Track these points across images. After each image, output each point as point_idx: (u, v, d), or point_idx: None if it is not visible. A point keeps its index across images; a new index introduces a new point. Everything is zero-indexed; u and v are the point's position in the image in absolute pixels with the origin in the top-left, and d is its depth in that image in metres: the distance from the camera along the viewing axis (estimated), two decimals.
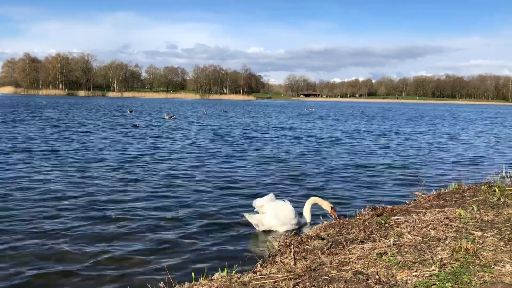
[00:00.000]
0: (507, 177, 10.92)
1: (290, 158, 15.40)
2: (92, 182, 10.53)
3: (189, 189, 10.04)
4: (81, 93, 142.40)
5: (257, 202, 7.30)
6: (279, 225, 7.14)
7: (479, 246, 4.88)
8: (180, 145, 18.33)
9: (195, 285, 4.42)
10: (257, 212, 7.34)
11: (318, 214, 8.03)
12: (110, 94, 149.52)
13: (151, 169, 12.53)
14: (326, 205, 7.69)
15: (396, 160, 15.41)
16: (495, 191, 8.13)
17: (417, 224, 5.97)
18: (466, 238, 5.11)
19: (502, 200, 7.33)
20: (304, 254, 5.07)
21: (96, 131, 23.55)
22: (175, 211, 8.24)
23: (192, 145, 18.66)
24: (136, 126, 27.18)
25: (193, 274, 5.01)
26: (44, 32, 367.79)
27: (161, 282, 4.82)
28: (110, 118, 36.00)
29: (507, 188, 8.50)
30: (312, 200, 7.75)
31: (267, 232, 7.17)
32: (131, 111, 44.78)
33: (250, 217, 7.22)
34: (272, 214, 7.09)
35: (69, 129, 24.40)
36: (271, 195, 7.46)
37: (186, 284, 4.49)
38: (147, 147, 17.31)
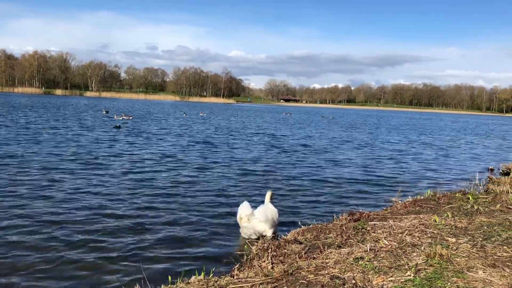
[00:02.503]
0: (481, 185, 11.18)
1: (266, 164, 15.46)
2: (66, 186, 10.36)
3: (164, 194, 9.92)
4: (58, 92, 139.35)
5: (243, 213, 7.06)
6: (269, 228, 7.10)
7: (453, 252, 4.98)
8: (158, 149, 18.20)
9: None
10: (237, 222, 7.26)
11: (296, 219, 8.07)
12: (88, 94, 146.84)
13: (127, 173, 12.40)
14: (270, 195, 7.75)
15: (372, 167, 15.60)
16: (469, 198, 8.31)
17: (393, 230, 6.06)
18: (441, 244, 5.20)
19: (476, 207, 7.50)
20: (281, 258, 5.08)
21: (72, 133, 23.20)
22: (150, 216, 8.14)
23: (170, 148, 18.54)
24: (118, 127, 26.83)
25: (169, 277, 4.97)
26: (21, 29, 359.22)
27: (137, 285, 4.76)
28: (89, 118, 35.45)
29: (480, 196, 8.71)
30: (270, 194, 7.73)
31: (245, 235, 7.15)
32: (107, 112, 43.94)
33: (245, 228, 7.08)
34: (263, 219, 7.01)
35: (43, 130, 23.96)
36: (247, 203, 7.30)
37: (163, 287, 4.45)
38: (129, 153, 17.12)
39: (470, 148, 26.15)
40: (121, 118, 35.76)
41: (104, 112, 43.86)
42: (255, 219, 7.01)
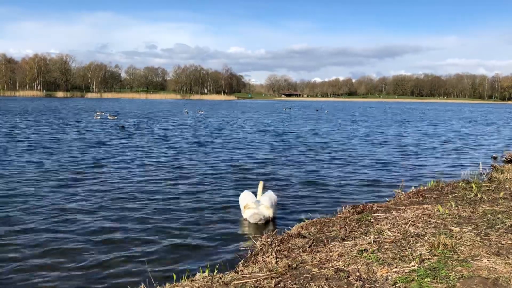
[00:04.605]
0: (484, 174, 11.15)
1: (268, 160, 15.47)
2: (69, 189, 10.40)
3: (167, 192, 9.96)
4: (60, 94, 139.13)
5: (250, 200, 7.59)
6: (272, 213, 7.65)
7: (457, 241, 4.97)
8: (160, 150, 18.23)
9: (176, 285, 4.39)
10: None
11: (299, 213, 8.08)
12: (89, 95, 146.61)
13: (130, 174, 12.42)
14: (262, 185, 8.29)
15: (376, 158, 15.57)
16: (472, 187, 8.29)
17: (397, 221, 6.05)
18: (445, 233, 5.20)
19: (479, 196, 7.48)
20: (285, 252, 5.08)
21: (75, 135, 23.23)
22: (155, 214, 8.17)
23: (171, 149, 18.57)
24: (122, 127, 26.92)
25: (174, 275, 4.98)
26: (20, 32, 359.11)
27: (142, 283, 4.77)
28: (92, 120, 35.46)
29: (483, 185, 8.69)
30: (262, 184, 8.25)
31: (249, 231, 7.20)
32: (101, 113, 43.38)
33: (255, 214, 7.48)
34: (269, 204, 7.59)
35: (49, 134, 23.99)
36: (249, 191, 7.92)
37: (167, 285, 4.45)
38: (134, 153, 17.14)
39: (473, 137, 26.06)
40: (99, 118, 35.93)
41: (97, 113, 43.28)
42: (262, 205, 7.55)
